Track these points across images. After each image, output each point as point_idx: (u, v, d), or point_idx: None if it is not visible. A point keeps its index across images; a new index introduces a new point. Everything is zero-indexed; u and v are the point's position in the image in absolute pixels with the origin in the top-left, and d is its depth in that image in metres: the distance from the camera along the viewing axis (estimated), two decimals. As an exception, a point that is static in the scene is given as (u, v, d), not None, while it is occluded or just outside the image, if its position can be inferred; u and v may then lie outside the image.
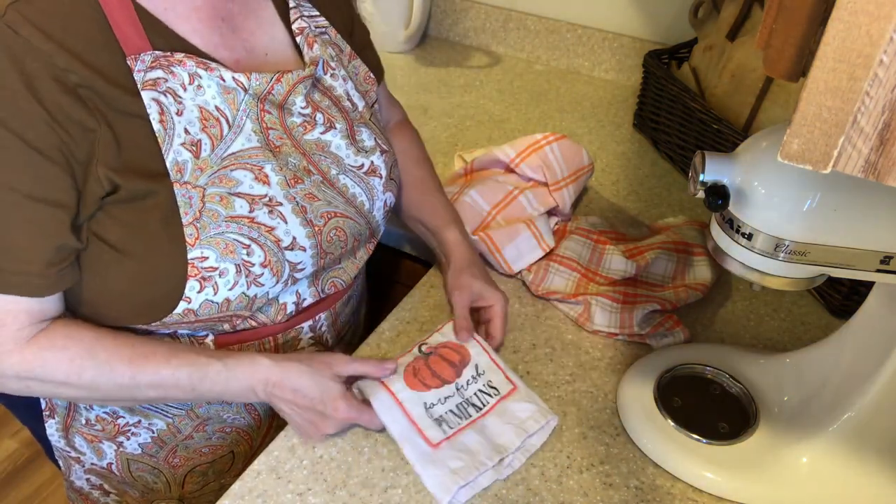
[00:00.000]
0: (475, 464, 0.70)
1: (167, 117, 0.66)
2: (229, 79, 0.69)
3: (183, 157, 0.67)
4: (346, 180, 0.80)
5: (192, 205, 0.67)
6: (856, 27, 0.35)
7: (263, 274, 0.72)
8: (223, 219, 0.69)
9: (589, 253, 0.98)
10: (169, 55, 0.67)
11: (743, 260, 0.62)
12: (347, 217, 0.79)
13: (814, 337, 0.89)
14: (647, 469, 0.74)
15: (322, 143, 0.78)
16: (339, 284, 0.84)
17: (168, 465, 0.87)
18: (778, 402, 0.76)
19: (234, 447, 0.88)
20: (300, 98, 0.76)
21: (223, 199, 0.69)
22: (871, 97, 0.36)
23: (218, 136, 0.69)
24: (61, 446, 0.87)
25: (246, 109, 0.71)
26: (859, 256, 0.59)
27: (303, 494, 0.70)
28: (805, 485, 0.70)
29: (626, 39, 1.46)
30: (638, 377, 0.81)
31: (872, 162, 0.38)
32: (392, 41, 1.57)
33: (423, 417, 0.73)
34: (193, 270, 0.68)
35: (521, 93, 1.45)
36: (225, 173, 0.70)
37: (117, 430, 0.83)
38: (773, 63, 0.46)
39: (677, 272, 0.95)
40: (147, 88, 0.65)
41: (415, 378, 0.76)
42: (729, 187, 0.60)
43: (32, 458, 1.78)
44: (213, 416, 0.84)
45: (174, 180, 0.67)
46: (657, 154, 1.27)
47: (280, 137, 0.74)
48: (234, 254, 0.69)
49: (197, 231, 0.67)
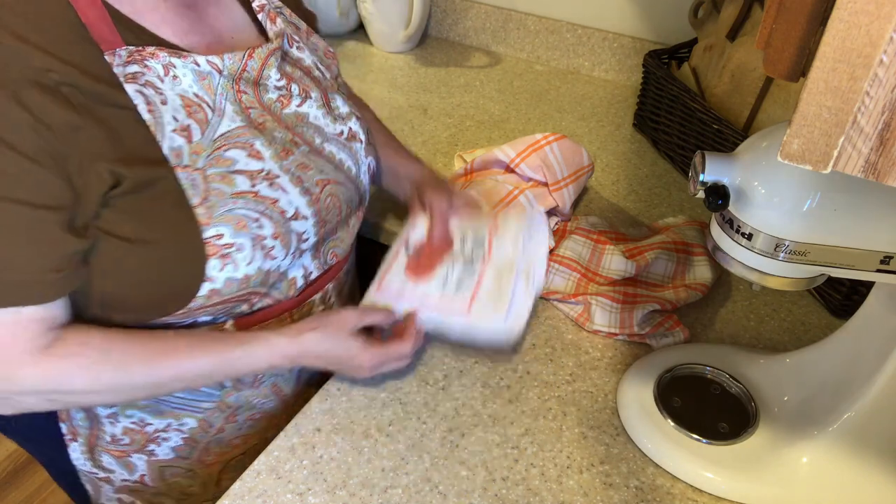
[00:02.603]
0: (504, 295, 0.75)
1: (154, 107, 0.67)
2: (203, 63, 0.70)
3: (177, 142, 0.67)
4: (331, 147, 0.81)
5: (196, 186, 0.68)
6: (856, 27, 0.35)
7: (275, 246, 0.73)
8: (229, 196, 0.69)
9: (589, 253, 0.98)
10: (141, 49, 0.67)
11: (743, 260, 0.62)
12: (339, 183, 0.81)
13: (814, 337, 0.89)
14: (647, 469, 0.74)
15: (301, 115, 0.79)
16: (339, 254, 0.86)
17: (202, 465, 0.87)
18: (778, 402, 0.76)
19: (264, 434, 0.88)
20: (273, 71, 0.76)
21: (224, 177, 0.70)
22: (871, 97, 0.36)
23: (204, 120, 0.70)
24: (88, 469, 0.86)
25: (223, 93, 0.71)
26: (859, 256, 0.59)
27: (303, 494, 0.70)
28: (805, 485, 0.70)
29: (626, 39, 1.46)
30: (638, 377, 0.81)
31: (872, 162, 0.38)
32: (392, 41, 1.57)
33: (445, 295, 0.77)
34: (212, 249, 0.68)
35: (521, 93, 1.45)
36: (219, 154, 0.70)
37: (146, 439, 0.82)
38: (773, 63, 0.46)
39: (677, 272, 0.95)
40: (129, 82, 0.66)
41: (418, 270, 0.79)
42: (729, 187, 0.60)
43: (32, 458, 1.77)
44: (243, 403, 0.84)
45: (174, 165, 0.67)
46: (657, 154, 1.27)
47: (261, 115, 0.75)
48: (247, 228, 0.70)
49: (208, 210, 0.68)
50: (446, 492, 0.70)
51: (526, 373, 0.83)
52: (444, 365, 0.84)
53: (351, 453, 0.73)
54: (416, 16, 1.49)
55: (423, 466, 0.73)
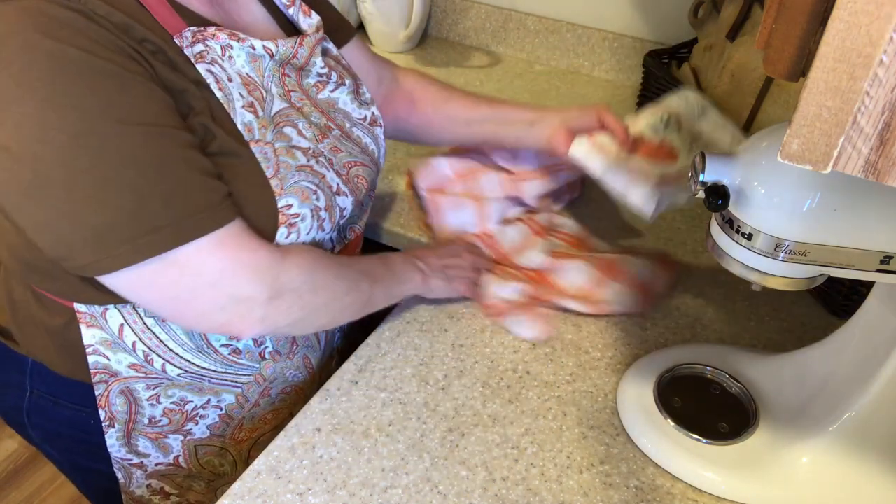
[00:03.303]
0: None
1: (223, 84, 0.69)
2: (260, 47, 0.72)
3: (247, 118, 0.70)
4: (358, 132, 0.85)
5: (269, 159, 0.70)
6: (856, 27, 0.35)
7: (326, 219, 0.76)
8: (294, 168, 0.72)
9: (520, 238, 0.99)
10: (203, 30, 0.69)
11: (743, 260, 0.62)
12: (365, 165, 0.84)
13: (814, 337, 0.89)
14: (647, 469, 0.74)
15: (332, 100, 0.83)
16: (357, 230, 0.89)
17: (234, 442, 0.90)
18: (778, 402, 0.76)
19: (293, 408, 0.91)
20: (319, 59, 0.80)
21: (288, 151, 0.73)
22: (871, 97, 0.36)
23: (261, 98, 0.72)
24: (122, 455, 0.86)
25: (270, 75, 0.74)
26: (859, 256, 0.59)
27: (303, 494, 0.70)
28: (805, 485, 0.70)
29: (626, 39, 1.46)
30: (638, 377, 0.81)
31: (872, 162, 0.38)
32: (392, 41, 1.57)
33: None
34: (283, 217, 0.71)
35: (521, 93, 1.45)
36: (279, 130, 0.73)
37: (185, 418, 0.84)
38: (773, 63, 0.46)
39: (591, 290, 0.92)
40: (199, 61, 0.68)
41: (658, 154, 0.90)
42: (729, 187, 0.60)
43: (32, 458, 1.78)
44: (278, 375, 0.86)
45: (248, 140, 0.69)
46: (657, 154, 1.27)
47: (301, 99, 0.78)
48: (309, 199, 0.73)
49: (280, 182, 0.70)
50: (446, 492, 0.70)
51: (526, 373, 0.83)
52: (444, 365, 0.84)
53: (351, 453, 0.73)
54: (415, 16, 1.49)
55: (423, 466, 0.73)
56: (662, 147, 0.90)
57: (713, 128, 0.93)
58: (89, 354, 0.77)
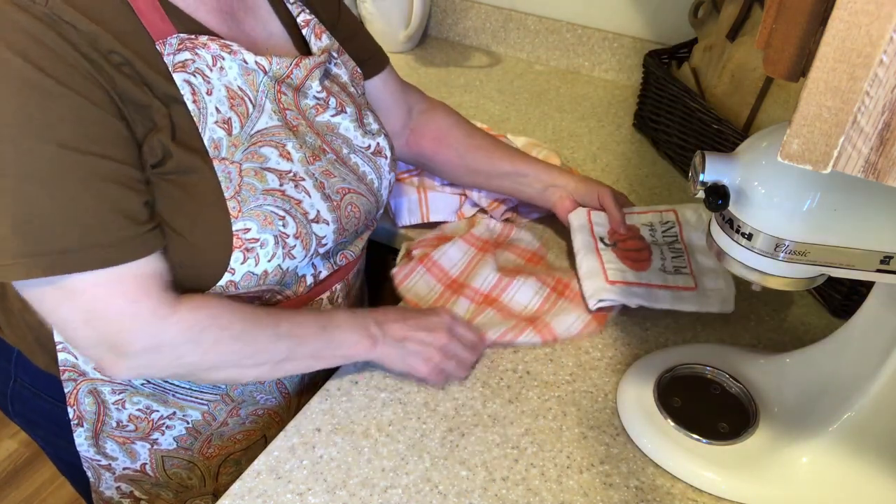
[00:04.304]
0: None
1: (199, 97, 0.68)
2: (252, 61, 0.71)
3: (218, 134, 0.69)
4: (357, 159, 0.83)
5: (231, 179, 0.69)
6: (856, 27, 0.35)
7: (296, 246, 0.73)
8: (260, 192, 0.71)
9: (464, 259, 0.96)
10: (193, 38, 0.68)
11: (743, 260, 0.62)
12: (360, 194, 0.82)
13: (814, 337, 0.89)
14: (647, 469, 0.74)
15: (332, 125, 0.81)
16: (349, 256, 0.86)
17: (203, 457, 0.88)
18: (778, 402, 0.76)
19: (266, 430, 0.89)
20: (316, 83, 0.79)
21: (257, 173, 0.71)
22: (871, 97, 0.36)
23: (245, 114, 0.71)
24: (91, 455, 0.86)
25: (265, 90, 0.73)
26: (859, 256, 0.59)
27: (303, 494, 0.70)
28: (805, 485, 0.70)
29: (626, 39, 1.46)
30: (638, 377, 0.81)
31: (872, 162, 0.38)
32: (392, 41, 1.56)
33: (668, 277, 0.91)
34: (238, 241, 0.69)
35: (521, 93, 1.45)
36: (255, 149, 0.71)
37: (151, 426, 0.83)
38: (773, 63, 0.46)
39: (541, 309, 0.90)
40: (178, 71, 0.67)
41: (638, 263, 0.93)
42: (729, 187, 0.60)
43: (32, 458, 1.78)
44: (247, 398, 0.85)
45: (213, 157, 0.69)
46: (657, 154, 1.27)
47: (296, 118, 0.77)
48: (272, 225, 0.71)
49: (238, 204, 0.69)
50: (446, 492, 0.70)
51: (526, 373, 0.83)
52: (444, 365, 0.84)
53: (351, 453, 0.73)
54: (416, 16, 1.49)
55: (423, 466, 0.73)
56: (641, 253, 0.94)
57: (705, 259, 0.94)
58: (59, 351, 0.78)
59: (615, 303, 0.89)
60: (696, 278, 0.92)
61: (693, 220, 0.98)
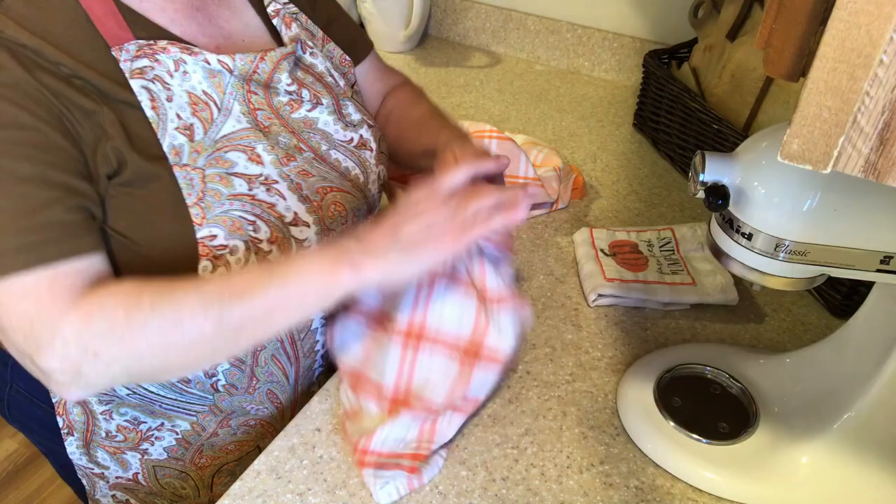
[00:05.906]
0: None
1: (158, 103, 0.67)
2: (214, 62, 0.70)
3: (179, 140, 0.68)
4: (338, 155, 0.80)
5: (193, 186, 0.67)
6: (856, 27, 0.35)
7: (272, 251, 0.71)
8: (226, 197, 0.69)
9: (359, 348, 0.78)
10: (152, 43, 0.67)
11: (743, 260, 0.62)
12: (344, 191, 0.79)
13: (814, 337, 0.89)
14: (647, 469, 0.74)
15: (309, 120, 0.78)
16: None
17: (195, 467, 0.86)
18: (778, 402, 0.76)
19: (260, 441, 0.88)
20: (285, 75, 0.76)
21: (223, 178, 0.69)
22: (871, 97, 0.36)
23: (209, 119, 0.70)
24: (83, 463, 0.86)
25: (232, 92, 0.72)
26: (859, 256, 0.59)
27: (303, 494, 0.70)
28: (805, 485, 0.70)
29: (626, 39, 1.46)
30: (638, 377, 0.81)
31: (872, 162, 0.38)
32: (392, 41, 1.57)
33: (666, 276, 0.96)
34: (204, 249, 0.67)
35: (521, 93, 1.45)
36: (220, 155, 0.70)
37: (140, 437, 0.82)
38: (773, 63, 0.46)
39: (476, 327, 0.73)
40: (135, 77, 0.66)
41: (636, 267, 0.97)
42: (729, 187, 0.60)
43: (32, 458, 1.78)
44: (237, 408, 0.83)
45: (173, 163, 0.67)
46: (657, 154, 1.27)
47: (268, 118, 0.75)
48: (242, 230, 0.69)
49: (202, 211, 0.67)
50: (446, 492, 0.70)
51: (526, 373, 0.83)
52: (444, 365, 0.84)
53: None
54: (415, 16, 1.49)
55: (423, 466, 0.73)
56: (639, 260, 0.98)
57: (702, 264, 0.97)
58: None
59: (614, 300, 0.92)
60: (694, 277, 0.95)
61: (689, 236, 1.02)
